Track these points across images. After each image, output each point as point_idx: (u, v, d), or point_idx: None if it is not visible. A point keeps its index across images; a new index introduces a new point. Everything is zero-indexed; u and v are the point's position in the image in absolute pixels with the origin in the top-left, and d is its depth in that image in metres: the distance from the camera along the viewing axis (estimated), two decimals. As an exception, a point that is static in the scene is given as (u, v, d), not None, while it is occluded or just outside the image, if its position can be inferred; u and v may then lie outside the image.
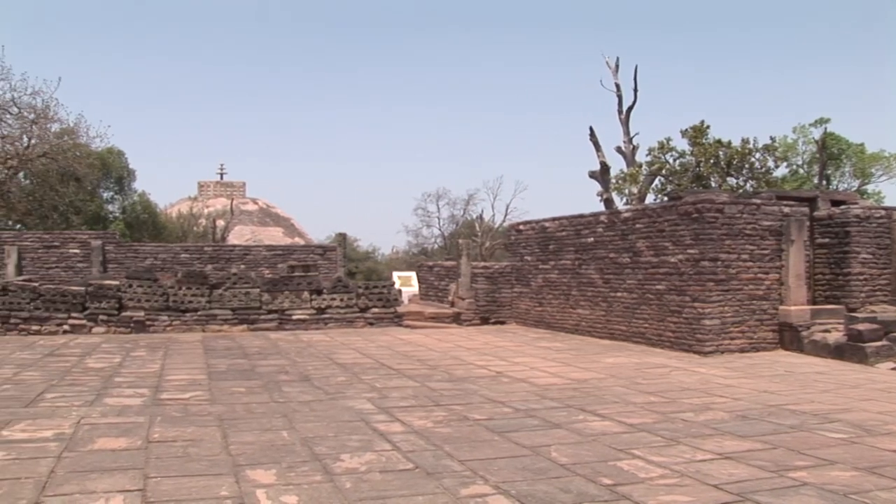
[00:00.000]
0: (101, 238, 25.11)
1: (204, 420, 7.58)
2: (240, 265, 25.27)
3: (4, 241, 24.35)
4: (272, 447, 6.40)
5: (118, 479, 5.45)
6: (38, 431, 7.05)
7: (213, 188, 57.67)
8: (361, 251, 50.47)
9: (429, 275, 22.84)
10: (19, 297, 16.77)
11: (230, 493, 5.14)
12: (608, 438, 6.75)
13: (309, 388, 9.64)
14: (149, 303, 17.26)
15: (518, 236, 19.54)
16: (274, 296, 17.90)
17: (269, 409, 8.17)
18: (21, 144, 32.32)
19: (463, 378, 10.43)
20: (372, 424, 7.35)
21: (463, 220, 51.57)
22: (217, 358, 12.59)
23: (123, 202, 39.36)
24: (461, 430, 7.08)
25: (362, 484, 5.34)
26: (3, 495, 5.09)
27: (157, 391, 9.32)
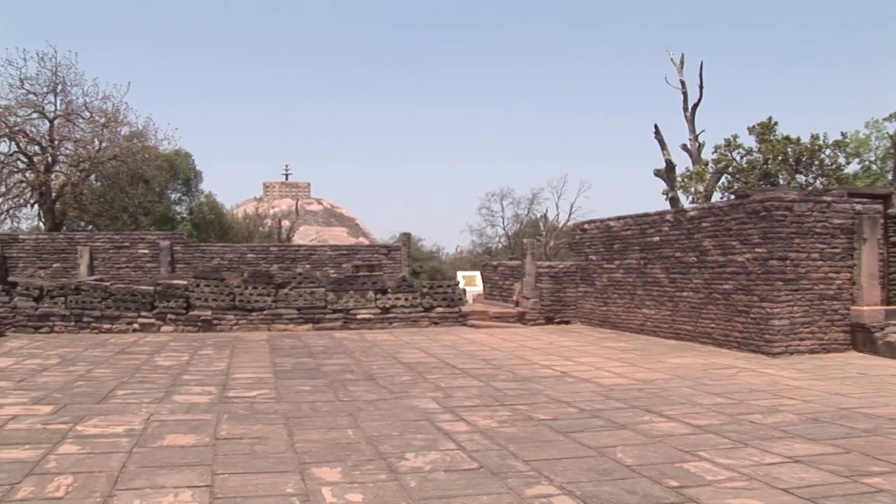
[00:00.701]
0: (170, 238, 25.53)
1: (270, 418, 7.66)
2: (305, 265, 25.48)
3: (77, 241, 24.89)
4: (337, 445, 6.43)
5: (187, 474, 5.54)
6: (109, 427, 7.19)
7: (279, 189, 58.24)
8: (425, 251, 50.60)
9: (493, 274, 22.81)
10: (91, 297, 17.13)
11: (296, 490, 5.18)
12: (674, 440, 6.67)
13: (374, 387, 9.68)
14: (216, 302, 17.50)
15: (583, 235, 19.42)
16: (339, 295, 18.02)
17: (335, 408, 8.22)
18: (93, 148, 33.03)
19: (528, 378, 10.39)
20: (436, 424, 7.36)
21: (527, 219, 51.43)
22: (283, 357, 12.71)
23: (191, 203, 39.95)
24: (526, 430, 7.05)
25: (427, 483, 5.34)
26: (79, 488, 5.21)
27: (225, 389, 9.44)
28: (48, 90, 32.58)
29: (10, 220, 33.85)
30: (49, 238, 25.76)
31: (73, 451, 6.26)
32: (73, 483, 5.33)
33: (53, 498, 5.03)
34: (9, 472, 5.61)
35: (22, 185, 33.40)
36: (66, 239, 25.60)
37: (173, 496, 5.04)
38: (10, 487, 5.24)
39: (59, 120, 32.88)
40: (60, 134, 32.85)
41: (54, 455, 6.10)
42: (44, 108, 32.67)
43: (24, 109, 32.36)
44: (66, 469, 5.69)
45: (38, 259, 24.85)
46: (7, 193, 33.25)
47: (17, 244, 24.92)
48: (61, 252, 24.92)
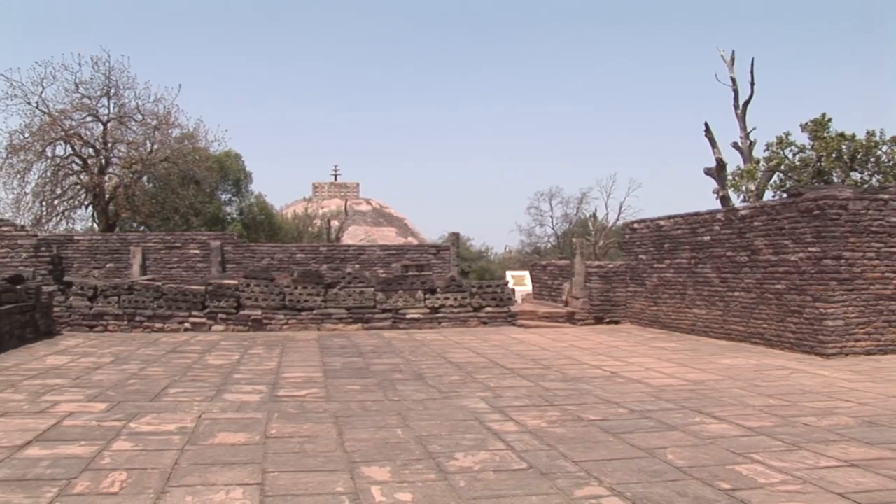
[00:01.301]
0: (220, 239, 25.80)
1: (320, 417, 7.70)
2: (354, 265, 25.60)
3: (130, 242, 25.24)
4: (386, 445, 6.45)
5: (237, 472, 5.59)
6: (162, 425, 7.29)
7: (328, 189, 58.56)
8: (474, 251, 50.56)
9: (542, 274, 22.73)
10: (144, 296, 17.37)
11: (345, 489, 5.20)
12: (726, 441, 6.58)
13: (423, 386, 9.69)
14: (266, 302, 17.64)
15: (632, 235, 19.28)
16: (388, 295, 18.08)
17: (384, 407, 8.25)
18: (145, 150, 33.52)
19: (577, 378, 10.34)
20: (486, 423, 7.35)
21: (576, 218, 51.15)
22: (332, 356, 12.78)
23: (241, 204, 40.33)
24: (575, 431, 7.01)
25: (476, 483, 5.34)
26: (133, 484, 5.29)
27: (275, 388, 9.51)
28: (102, 94, 33.14)
29: (65, 221, 34.44)
30: (103, 239, 26.14)
31: (127, 447, 6.35)
32: (126, 479, 5.41)
33: (108, 493, 5.11)
34: (66, 467, 5.72)
35: (77, 187, 33.97)
36: (120, 239, 25.97)
37: (224, 493, 5.09)
38: (68, 482, 5.34)
39: (112, 123, 33.41)
40: (114, 136, 33.38)
41: (109, 451, 6.20)
42: (98, 112, 33.23)
43: (78, 113, 32.95)
44: (121, 465, 5.77)
45: (92, 259, 25.23)
46: (62, 195, 33.83)
47: (72, 245, 25.32)
48: (114, 252, 25.28)
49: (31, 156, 32.37)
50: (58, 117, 32.17)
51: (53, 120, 32.09)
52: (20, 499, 5.01)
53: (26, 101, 32.25)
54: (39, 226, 31.93)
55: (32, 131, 32.17)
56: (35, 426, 7.21)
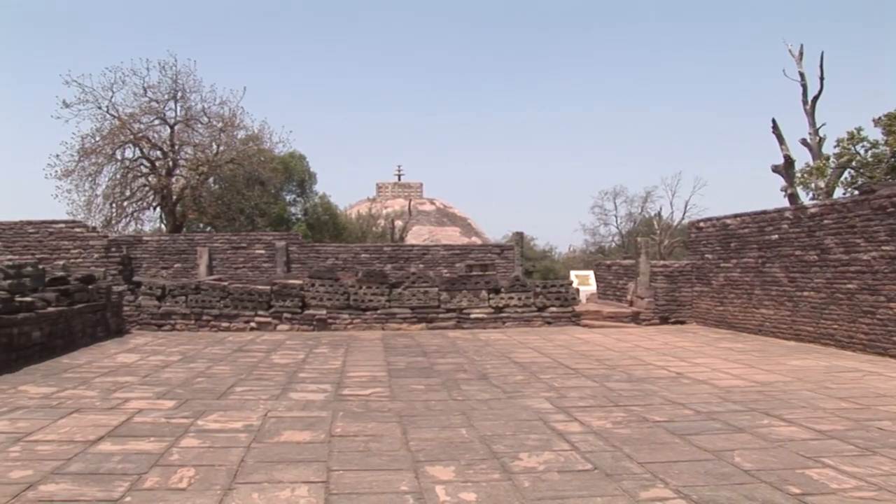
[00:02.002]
0: (285, 239, 26.03)
1: (384, 416, 7.73)
2: (418, 264, 25.66)
3: (197, 242, 25.61)
4: (451, 444, 6.45)
5: (303, 470, 5.63)
6: (229, 422, 7.38)
7: (391, 189, 58.87)
8: (538, 250, 50.28)
9: (606, 273, 22.57)
10: (210, 296, 17.62)
11: (410, 488, 5.21)
12: (795, 445, 6.45)
13: (487, 386, 9.68)
14: (330, 301, 17.77)
15: (698, 234, 19.04)
16: (452, 295, 18.09)
17: (448, 407, 8.25)
18: (211, 151, 34.01)
19: (642, 378, 10.24)
20: (550, 424, 7.31)
21: (641, 217, 50.64)
22: (396, 356, 12.83)
23: (305, 204, 40.65)
24: (641, 432, 6.94)
25: (540, 483, 5.31)
26: (200, 480, 5.37)
27: (339, 387, 9.58)
28: (169, 97, 33.70)
29: (134, 222, 35.07)
30: (170, 239, 26.56)
31: (195, 444, 6.44)
32: (195, 475, 5.49)
33: (177, 489, 5.19)
34: (136, 462, 5.83)
35: (145, 189, 34.58)
36: (187, 240, 26.35)
37: (290, 491, 5.13)
38: (138, 477, 5.44)
39: (179, 125, 33.95)
40: (180, 139, 33.93)
41: (177, 448, 6.30)
42: (165, 115, 33.80)
43: (147, 116, 33.57)
44: (189, 462, 5.86)
45: (160, 259, 25.65)
46: (132, 197, 34.46)
47: (141, 245, 25.77)
48: (182, 253, 25.67)
49: (102, 159, 33.06)
50: (127, 121, 32.80)
51: (123, 124, 32.72)
52: (94, 492, 5.13)
53: (97, 106, 32.96)
54: (110, 227, 32.55)
55: (103, 135, 32.85)
56: (107, 422, 7.37)
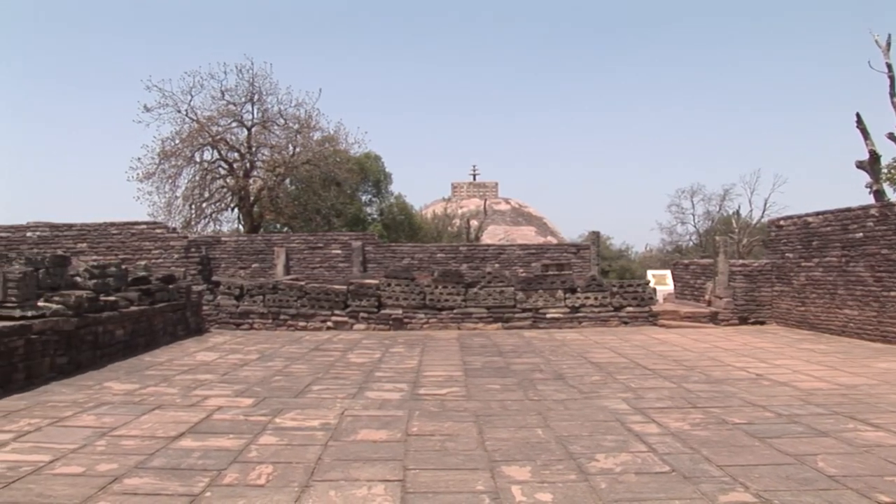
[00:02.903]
0: (361, 239, 26.20)
1: (460, 416, 7.73)
2: (494, 264, 25.62)
3: (274, 243, 25.92)
4: (527, 444, 6.42)
5: (379, 469, 5.66)
6: (306, 421, 7.46)
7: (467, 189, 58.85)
8: (614, 249, 49.85)
9: (684, 273, 22.28)
10: (287, 296, 17.83)
11: (486, 487, 5.20)
12: (883, 451, 6.26)
13: (563, 386, 9.62)
14: (406, 301, 17.85)
15: (778, 232, 18.67)
16: (528, 294, 18.03)
17: (524, 407, 8.22)
18: (287, 153, 34.41)
19: (721, 380, 10.07)
20: (627, 425, 7.24)
21: (719, 216, 49.82)
22: (472, 355, 12.83)
23: (381, 204, 40.87)
24: (720, 434, 6.82)
25: (617, 485, 5.25)
26: (278, 477, 5.44)
27: (415, 386, 9.61)
28: (246, 100, 34.19)
29: (212, 223, 35.63)
30: (248, 240, 26.92)
31: (273, 441, 6.53)
32: (272, 472, 5.56)
33: (255, 485, 5.26)
34: (216, 458, 5.93)
35: (223, 190, 35.14)
36: (264, 240, 26.68)
37: (367, 489, 5.16)
38: (218, 473, 5.53)
39: (256, 128, 34.43)
40: (257, 141, 34.38)
41: (255, 445, 6.39)
42: (242, 117, 34.31)
43: (224, 119, 34.12)
44: (267, 459, 5.94)
45: (238, 260, 26.02)
46: (210, 198, 35.04)
47: (219, 246, 26.18)
48: (259, 253, 26.01)
49: (181, 161, 33.71)
50: (205, 124, 33.38)
51: (201, 126, 33.31)
52: (175, 486, 5.23)
53: (177, 110, 33.61)
54: (189, 228, 33.16)
55: (182, 138, 33.50)
56: (187, 419, 7.51)
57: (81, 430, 7.05)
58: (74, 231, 21.91)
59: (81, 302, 11.56)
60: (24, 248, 20.95)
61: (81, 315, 11.47)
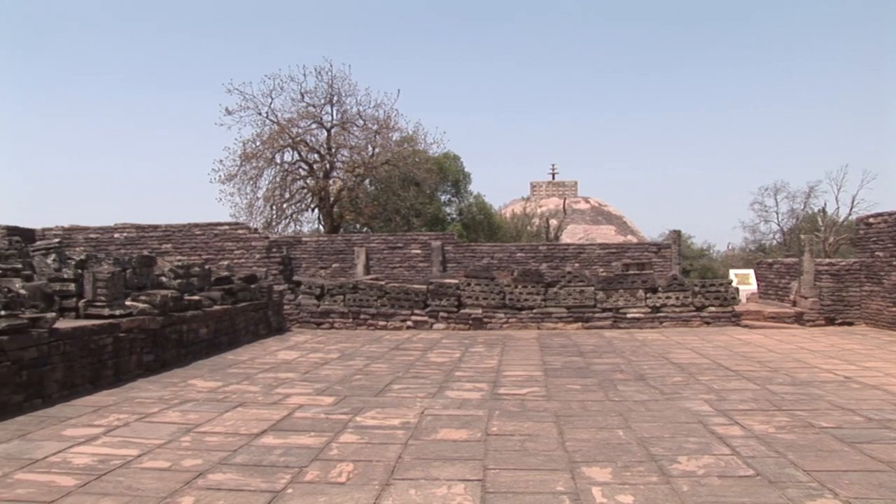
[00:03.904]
0: (441, 239, 26.27)
1: (540, 416, 7.69)
2: (573, 263, 25.48)
3: (354, 243, 26.15)
4: (607, 445, 6.36)
5: (459, 468, 5.66)
6: (386, 419, 7.50)
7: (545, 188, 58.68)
8: (695, 248, 49.11)
9: (768, 272, 21.87)
10: (368, 295, 17.95)
11: (566, 488, 5.16)
12: (982, 456, 6.04)
13: (644, 387, 9.50)
14: (486, 300, 17.83)
15: (867, 230, 18.18)
16: (608, 294, 17.88)
17: (604, 408, 8.14)
18: (366, 153, 34.70)
19: (807, 382, 9.83)
20: (709, 427, 7.11)
21: (804, 214, 48.70)
22: (552, 355, 12.75)
23: (460, 204, 40.93)
24: (806, 438, 6.65)
25: (700, 488, 5.16)
26: (359, 475, 5.48)
27: (495, 386, 9.58)
28: (325, 101, 34.61)
29: (293, 223, 36.11)
30: (328, 240, 27.19)
31: (353, 440, 6.57)
32: (353, 470, 5.60)
33: (336, 483, 5.30)
34: (297, 456, 5.99)
35: (304, 191, 35.57)
36: (344, 240, 26.93)
37: (446, 488, 5.16)
38: (299, 470, 5.60)
39: (335, 129, 34.80)
40: (337, 142, 34.73)
41: (336, 443, 6.44)
42: (322, 119, 34.72)
43: (304, 121, 34.56)
44: (347, 457, 5.98)
45: (318, 259, 26.31)
46: (291, 199, 35.51)
47: (300, 246, 26.50)
48: (339, 253, 26.26)
49: (262, 163, 34.24)
50: (286, 125, 33.86)
51: (282, 128, 33.79)
52: (258, 483, 5.31)
53: (257, 112, 34.19)
54: (270, 228, 33.66)
55: (263, 140, 34.04)
56: (269, 416, 7.61)
57: (167, 426, 7.20)
58: (160, 232, 22.39)
59: (167, 301, 11.80)
60: (112, 249, 21.49)
61: (167, 314, 11.71)
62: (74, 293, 11.18)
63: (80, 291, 11.19)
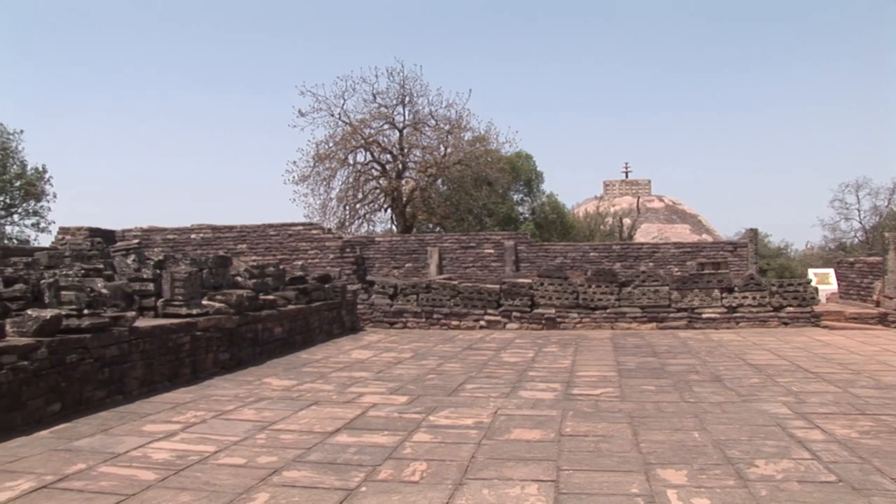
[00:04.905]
0: (514, 238, 26.24)
1: (614, 417, 7.61)
2: (648, 263, 25.25)
3: (427, 242, 26.26)
4: (683, 447, 6.26)
5: (532, 468, 5.62)
6: (459, 419, 7.49)
7: (619, 187, 58.36)
8: (773, 247, 48.30)
9: (849, 272, 21.39)
10: (441, 295, 17.98)
11: (640, 490, 5.09)
12: None
13: (720, 388, 9.34)
14: (559, 300, 17.74)
15: (953, 230, 17.66)
16: (683, 294, 17.64)
17: (679, 409, 8.02)
18: (438, 153, 34.88)
19: (892, 386, 9.53)
20: (788, 430, 6.95)
21: (887, 211, 47.56)
22: (626, 355, 12.62)
23: (533, 203, 40.87)
24: (892, 444, 6.43)
25: (779, 493, 5.04)
26: (432, 474, 5.48)
27: (569, 386, 9.52)
28: (397, 102, 34.89)
29: (366, 223, 36.47)
30: (401, 240, 27.36)
31: (427, 439, 6.58)
32: (426, 469, 5.60)
33: (410, 482, 5.31)
34: (371, 454, 6.03)
35: (376, 192, 35.89)
36: (417, 240, 27.06)
37: (520, 488, 5.13)
38: (373, 469, 5.62)
39: (407, 129, 35.04)
40: (409, 142, 34.96)
41: (410, 442, 6.45)
42: (394, 119, 35.00)
43: (377, 122, 34.89)
44: (421, 456, 5.99)
45: (391, 259, 26.48)
46: (363, 199, 35.86)
47: (373, 246, 26.70)
48: (412, 253, 26.39)
49: (335, 164, 34.64)
50: (358, 126, 34.20)
51: (354, 129, 34.13)
52: (332, 480, 5.35)
53: (330, 114, 34.63)
54: (343, 228, 34.01)
55: (336, 141, 34.44)
56: (343, 415, 7.67)
57: (243, 424, 7.30)
58: (235, 233, 22.73)
59: (242, 301, 11.97)
60: (189, 250, 21.87)
61: (242, 313, 11.88)
62: (153, 293, 11.40)
63: (159, 291, 11.41)
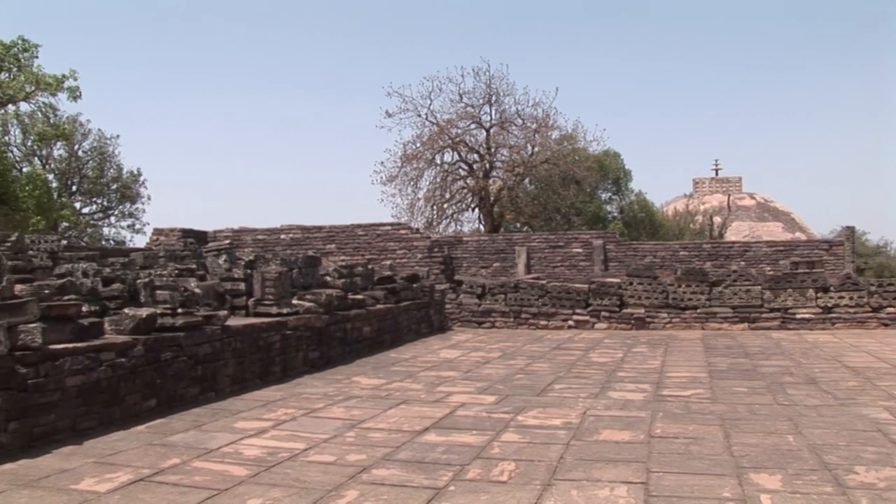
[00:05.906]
0: (602, 237, 26.04)
1: (705, 418, 7.48)
2: (739, 262, 24.80)
3: (514, 242, 26.22)
4: (776, 451, 6.12)
5: (621, 470, 5.56)
6: (548, 419, 7.46)
7: (709, 185, 57.53)
8: (871, 246, 46.96)
9: (951, 272, 20.67)
10: (529, 294, 17.93)
11: (732, 494, 5.00)
12: None
13: (815, 391, 9.11)
14: (648, 300, 17.53)
15: None
16: (776, 293, 17.26)
17: (773, 412, 7.84)
18: (526, 153, 34.82)
19: None
20: (891, 436, 6.71)
21: None
22: (717, 356, 12.41)
23: (621, 202, 40.54)
24: None
25: (881, 502, 4.87)
26: (520, 475, 5.48)
27: (658, 387, 9.40)
28: (483, 102, 34.93)
29: (453, 223, 36.58)
30: (489, 239, 27.37)
31: (515, 439, 6.57)
32: (514, 469, 5.59)
33: (498, 481, 5.31)
34: (459, 454, 6.04)
35: (463, 191, 35.98)
36: (505, 240, 27.04)
37: (609, 490, 5.09)
38: (461, 468, 5.63)
39: (494, 129, 35.05)
40: (496, 141, 34.96)
41: (498, 442, 6.45)
42: (480, 119, 35.05)
43: (463, 121, 34.99)
44: (509, 456, 5.98)
45: (479, 259, 26.50)
46: (451, 199, 35.97)
47: (461, 245, 26.76)
48: (500, 252, 26.37)
49: (423, 164, 34.86)
50: (445, 126, 34.34)
51: (441, 129, 34.28)
52: (420, 479, 5.38)
53: (417, 114, 34.85)
54: (431, 228, 34.17)
55: (423, 141, 34.66)
56: (431, 414, 7.70)
57: (332, 422, 7.39)
58: (324, 233, 23.01)
59: (331, 300, 12.11)
60: (279, 250, 22.21)
61: (331, 312, 12.02)
62: (244, 292, 11.63)
63: (249, 290, 11.62)
